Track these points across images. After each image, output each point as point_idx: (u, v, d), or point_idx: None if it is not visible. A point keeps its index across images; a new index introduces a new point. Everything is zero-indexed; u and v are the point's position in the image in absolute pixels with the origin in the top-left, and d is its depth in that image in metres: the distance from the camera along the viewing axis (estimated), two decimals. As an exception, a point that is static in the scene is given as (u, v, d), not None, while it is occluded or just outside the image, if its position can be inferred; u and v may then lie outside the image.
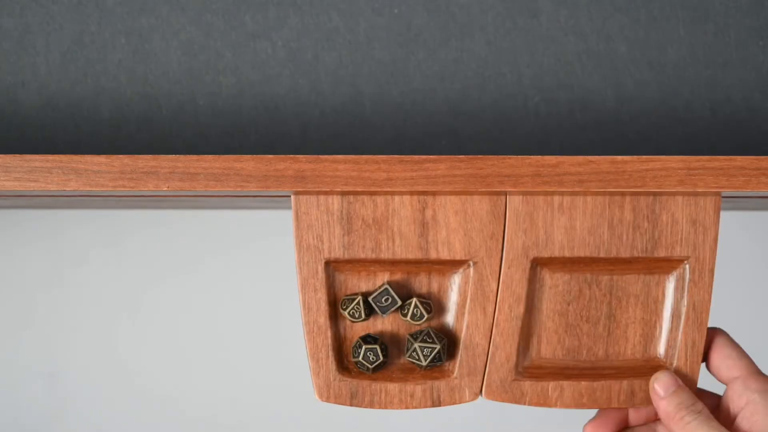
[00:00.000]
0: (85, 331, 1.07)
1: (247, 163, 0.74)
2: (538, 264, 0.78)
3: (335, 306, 0.78)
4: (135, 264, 1.07)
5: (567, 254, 0.78)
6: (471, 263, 0.77)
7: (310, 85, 0.88)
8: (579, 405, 0.79)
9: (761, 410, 0.76)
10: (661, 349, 0.80)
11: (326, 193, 0.76)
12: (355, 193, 0.76)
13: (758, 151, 0.89)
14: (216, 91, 0.88)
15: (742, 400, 0.77)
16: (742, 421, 0.76)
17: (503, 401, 0.79)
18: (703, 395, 0.81)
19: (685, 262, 0.79)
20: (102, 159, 0.73)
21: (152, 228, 1.06)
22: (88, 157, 0.73)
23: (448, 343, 0.78)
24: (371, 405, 0.78)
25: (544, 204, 0.77)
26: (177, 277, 1.07)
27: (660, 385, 0.77)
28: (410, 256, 0.77)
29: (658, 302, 0.80)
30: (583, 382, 0.79)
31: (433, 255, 0.77)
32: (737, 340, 0.81)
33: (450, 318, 0.79)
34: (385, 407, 0.78)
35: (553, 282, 0.79)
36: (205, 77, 0.88)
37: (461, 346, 0.78)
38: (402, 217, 0.77)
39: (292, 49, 0.88)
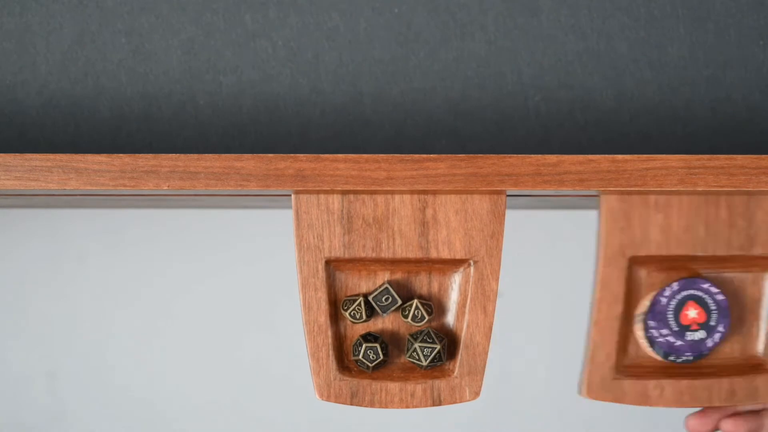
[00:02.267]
0: (85, 330, 1.07)
1: (247, 162, 0.74)
2: (634, 263, 0.78)
3: (335, 305, 0.78)
4: (135, 263, 1.07)
5: (663, 252, 0.77)
6: (471, 262, 0.77)
7: (310, 84, 0.88)
8: (680, 404, 0.79)
9: None
10: (760, 347, 0.80)
11: (327, 192, 0.76)
12: (356, 192, 0.76)
13: (759, 151, 0.89)
14: (216, 90, 0.88)
15: None
16: None
17: (604, 400, 0.78)
18: None
19: None
20: (102, 158, 0.73)
21: (152, 228, 1.06)
22: (89, 156, 0.73)
23: (449, 342, 0.78)
24: (371, 404, 0.78)
25: (639, 202, 0.77)
26: (177, 276, 1.07)
27: None
28: (410, 255, 0.77)
29: (756, 300, 0.80)
30: (683, 381, 0.78)
31: (433, 254, 0.77)
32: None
33: (450, 317, 0.79)
34: (386, 406, 0.78)
35: (650, 281, 0.79)
36: (205, 77, 0.88)
37: (462, 345, 0.78)
38: (402, 217, 0.77)
39: (292, 49, 0.88)
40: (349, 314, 0.77)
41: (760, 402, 0.79)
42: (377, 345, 0.77)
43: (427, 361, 0.76)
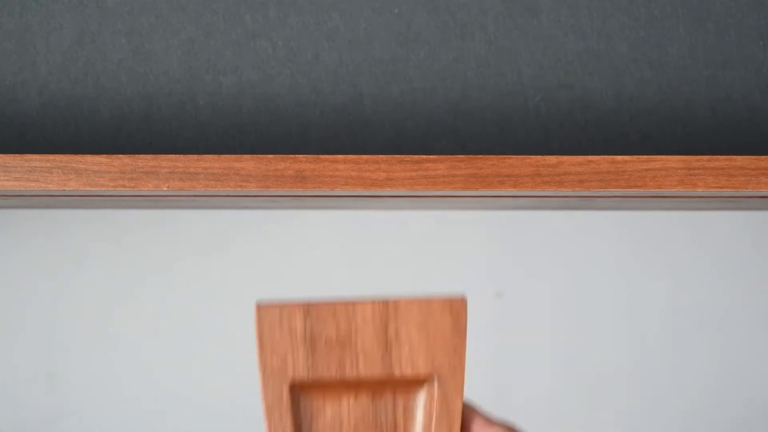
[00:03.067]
0: (85, 331, 1.07)
1: (247, 162, 0.74)
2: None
3: (300, 431, 0.76)
4: (134, 264, 1.07)
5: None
6: (435, 379, 0.75)
7: (310, 84, 0.88)
8: None
9: None
10: None
11: (289, 309, 0.74)
12: (318, 310, 0.74)
13: (758, 151, 0.89)
14: (216, 90, 0.88)
15: None
16: None
17: None
18: None
19: None
20: (102, 159, 0.73)
21: (152, 228, 1.06)
22: (88, 157, 0.73)
23: None
24: None
25: None
26: (176, 276, 1.07)
27: None
28: (375, 373, 0.75)
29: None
30: None
31: (396, 372, 0.75)
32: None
33: None
34: None
35: None
36: (205, 77, 0.88)
37: None
38: (365, 334, 0.75)
39: (292, 49, 0.88)
40: None
41: None
42: None
43: None
